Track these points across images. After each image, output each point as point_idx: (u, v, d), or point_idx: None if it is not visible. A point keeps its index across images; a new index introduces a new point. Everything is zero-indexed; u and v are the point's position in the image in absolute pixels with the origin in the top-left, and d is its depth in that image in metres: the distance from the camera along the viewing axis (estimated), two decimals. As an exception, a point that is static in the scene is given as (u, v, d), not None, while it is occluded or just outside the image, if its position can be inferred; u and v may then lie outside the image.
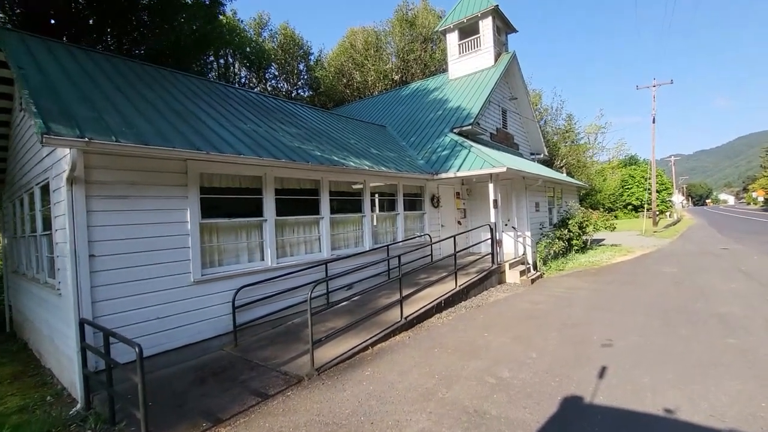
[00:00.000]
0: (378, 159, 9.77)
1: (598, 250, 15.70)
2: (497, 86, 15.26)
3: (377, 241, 9.49)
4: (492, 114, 15.08)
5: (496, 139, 15.26)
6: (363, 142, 10.94)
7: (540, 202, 13.10)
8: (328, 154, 8.20)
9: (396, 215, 10.02)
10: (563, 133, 37.52)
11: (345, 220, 8.64)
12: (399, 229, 10.04)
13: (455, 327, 6.60)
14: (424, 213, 11.00)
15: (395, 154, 11.24)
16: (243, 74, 24.46)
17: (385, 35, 26.62)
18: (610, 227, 17.49)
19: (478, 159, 10.18)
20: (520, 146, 17.86)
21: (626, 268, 11.91)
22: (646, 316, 6.80)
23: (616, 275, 10.67)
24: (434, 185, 11.41)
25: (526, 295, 8.80)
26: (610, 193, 50.69)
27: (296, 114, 10.79)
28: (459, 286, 8.22)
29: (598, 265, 12.40)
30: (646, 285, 9.28)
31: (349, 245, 8.73)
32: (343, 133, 11.02)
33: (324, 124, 11.12)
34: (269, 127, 8.36)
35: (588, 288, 9.19)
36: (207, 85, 9.34)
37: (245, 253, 6.66)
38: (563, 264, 12.42)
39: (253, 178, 6.78)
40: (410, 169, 10.20)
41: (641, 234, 24.58)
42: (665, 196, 58.41)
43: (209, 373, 5.16)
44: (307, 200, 7.82)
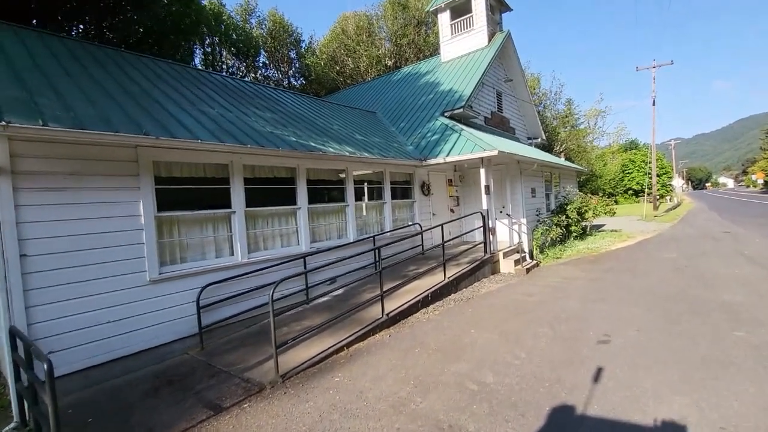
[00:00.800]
0: (362, 145, 9.16)
1: (598, 237, 15.13)
2: (491, 67, 14.52)
3: (363, 232, 8.94)
4: (486, 97, 14.38)
5: (491, 123, 14.58)
6: (348, 128, 10.31)
7: (536, 187, 12.49)
8: (305, 140, 7.59)
9: (383, 204, 9.44)
10: (563, 118, 36.69)
11: (326, 210, 8.07)
12: (386, 218, 9.47)
13: (441, 323, 6.08)
14: (413, 201, 10.43)
15: (382, 139, 10.61)
16: (232, 63, 23.67)
17: (378, 19, 25.68)
18: (610, 212, 16.86)
19: (468, 143, 9.57)
20: (517, 130, 17.17)
21: (626, 254, 11.35)
22: (646, 307, 6.26)
23: (615, 262, 10.11)
24: (424, 172, 10.81)
25: (519, 285, 8.27)
26: (610, 178, 49.95)
27: (277, 99, 10.14)
28: (448, 278, 7.69)
29: (597, 252, 11.85)
30: (647, 272, 8.73)
31: (332, 237, 8.18)
32: (327, 119, 10.38)
33: (307, 109, 10.48)
34: (241, 112, 7.74)
35: (585, 277, 8.65)
36: (177, 70, 8.70)
37: (212, 248, 6.11)
38: (561, 252, 11.87)
39: (219, 166, 6.19)
40: (397, 155, 9.59)
41: (642, 219, 23.98)
42: (665, 180, 57.56)
43: (165, 382, 4.66)
44: (282, 190, 7.25)
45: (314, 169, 7.73)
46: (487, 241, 9.20)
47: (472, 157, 9.09)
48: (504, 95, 15.95)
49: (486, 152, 8.82)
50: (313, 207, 7.70)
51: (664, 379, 3.90)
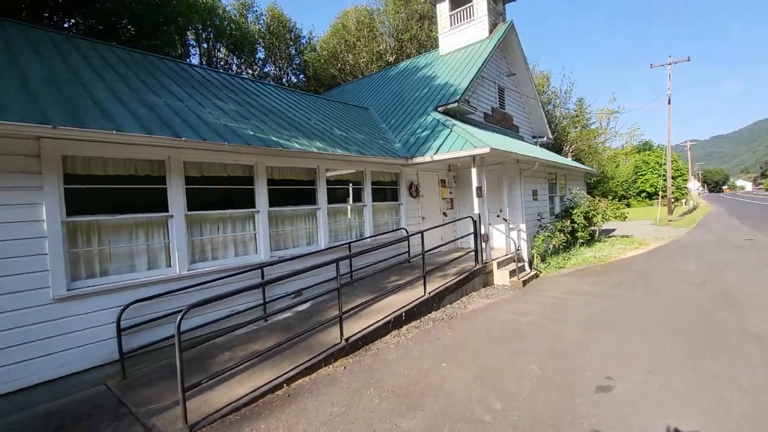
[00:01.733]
0: (339, 141, 8.18)
1: (607, 243, 13.91)
2: (492, 59, 13.43)
3: (338, 238, 7.96)
4: (486, 91, 13.29)
5: (491, 120, 13.49)
6: (327, 123, 9.34)
7: (538, 189, 11.38)
8: (266, 134, 6.64)
9: (362, 207, 8.45)
10: (572, 118, 35.24)
11: (293, 214, 7.12)
12: (366, 223, 8.48)
13: (410, 351, 5.07)
14: (399, 204, 9.41)
15: (366, 136, 9.62)
16: (231, 60, 22.94)
17: (379, 14, 24.70)
18: (621, 216, 15.62)
19: (459, 139, 8.52)
20: (521, 128, 16.02)
21: (637, 264, 10.16)
22: (660, 336, 5.16)
23: (625, 274, 8.95)
24: (412, 172, 9.79)
25: (512, 302, 7.20)
26: (622, 180, 48.13)
27: (249, 91, 9.22)
28: (428, 293, 6.67)
29: (605, 261, 10.67)
30: (661, 288, 7.57)
31: (299, 244, 7.23)
32: (305, 113, 9.43)
33: (283, 102, 9.54)
34: (196, 102, 6.84)
35: (589, 292, 7.53)
36: (136, 58, 7.84)
37: (143, 258, 5.20)
38: (565, 260, 10.73)
39: (153, 163, 5.28)
40: (379, 152, 8.59)
41: (655, 223, 22.54)
42: (681, 183, 55.40)
43: (54, 428, 3.75)
44: (237, 191, 6.32)
45: (278, 168, 6.78)
46: (479, 249, 8.14)
47: (463, 155, 8.05)
48: (507, 91, 14.82)
49: (477, 149, 7.77)
50: (276, 210, 6.75)
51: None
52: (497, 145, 8.30)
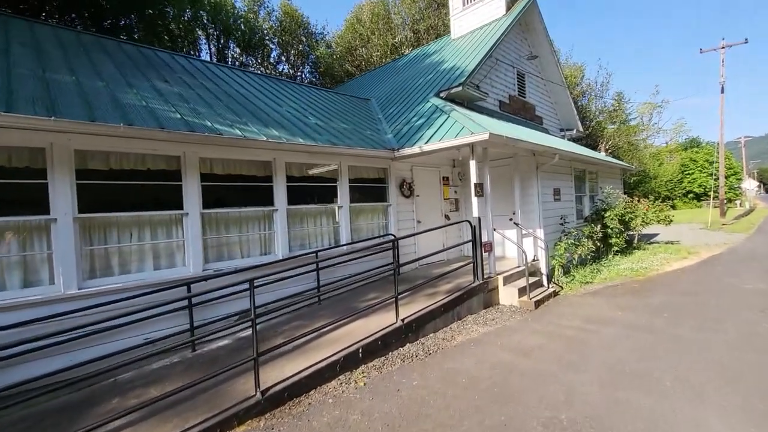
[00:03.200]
0: (309, 130, 6.79)
1: (648, 251, 11.72)
2: (508, 39, 11.65)
3: (305, 246, 6.57)
4: (502, 77, 11.52)
5: (508, 109, 11.69)
6: (304, 112, 7.98)
7: (561, 188, 9.50)
8: (203, 119, 5.34)
9: (337, 208, 7.01)
10: (610, 112, 32.25)
11: (241, 216, 5.78)
12: (342, 227, 7.03)
13: (349, 413, 3.56)
14: (388, 205, 7.90)
15: (351, 126, 8.18)
16: (248, 60, 22.21)
17: (395, 5, 23.23)
18: (665, 220, 13.30)
19: (456, 126, 6.92)
20: (546, 120, 14.05)
21: (686, 280, 8.09)
22: (727, 403, 3.37)
23: (670, 295, 6.98)
24: (405, 167, 8.26)
25: (516, 331, 5.52)
26: (667, 180, 44.07)
27: (216, 77, 8.01)
28: (402, 319, 5.12)
29: (644, 276, 8.65)
30: (722, 318, 5.62)
31: (250, 253, 5.88)
32: (278, 101, 8.11)
33: (254, 89, 8.24)
34: (126, 82, 5.67)
35: (620, 321, 5.71)
36: (81, 38, 6.83)
37: (14, 274, 4.01)
38: (593, 273, 8.81)
39: (32, 152, 4.09)
40: (360, 143, 7.13)
41: (706, 227, 19.66)
42: (734, 182, 50.13)
43: None
44: (158, 188, 5.05)
45: (218, 160, 5.47)
46: (478, 261, 6.49)
47: (458, 144, 6.43)
48: (528, 77, 12.94)
49: (474, 136, 6.14)
50: (215, 212, 5.44)
51: None
52: (500, 131, 6.62)
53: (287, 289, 6.01)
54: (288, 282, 6.00)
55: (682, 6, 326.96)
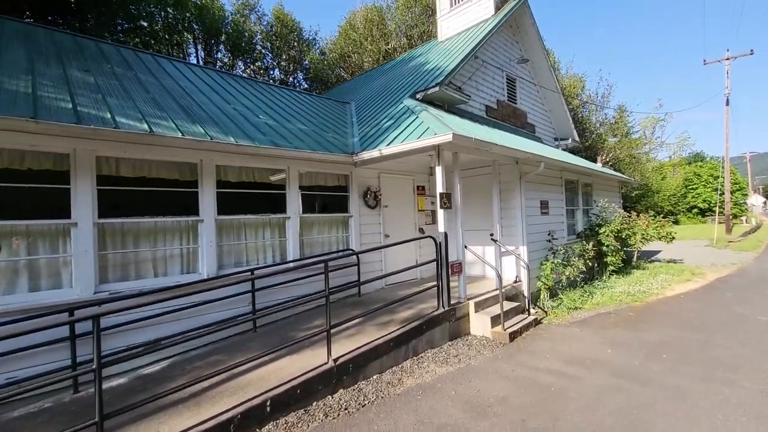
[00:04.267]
0: (252, 129, 5.87)
1: (648, 271, 10.64)
2: (496, 41, 10.80)
3: (241, 263, 5.59)
4: (489, 80, 10.63)
5: (496, 114, 10.77)
6: (257, 111, 7.08)
7: (550, 200, 8.50)
8: (104, 112, 4.43)
9: (284, 220, 6.04)
10: (611, 125, 31.34)
11: (153, 228, 4.83)
12: (290, 242, 6.05)
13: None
14: (348, 216, 6.93)
15: (311, 127, 7.27)
16: (234, 61, 21.52)
17: (390, 11, 22.59)
18: (667, 237, 12.22)
19: (421, 126, 5.98)
20: (539, 127, 13.12)
21: (690, 308, 7.02)
22: None
23: (670, 329, 5.91)
24: (371, 174, 7.31)
25: (479, 375, 4.47)
26: (670, 194, 42.87)
27: (161, 71, 7.16)
28: (335, 358, 4.11)
29: (642, 301, 7.58)
30: (733, 363, 4.56)
31: (167, 272, 4.91)
32: (227, 99, 7.22)
33: (203, 86, 7.36)
34: (28, 69, 4.79)
35: (609, 365, 4.65)
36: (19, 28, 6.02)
37: None
38: (584, 297, 7.75)
39: None
40: (314, 146, 6.21)
41: (711, 245, 18.50)
42: (739, 198, 48.74)
43: None
44: (40, 192, 4.12)
45: (125, 161, 4.55)
46: (443, 285, 5.47)
47: (419, 146, 5.48)
48: (519, 81, 12.04)
49: (436, 137, 5.19)
50: (117, 222, 4.49)
51: None
52: (472, 132, 5.67)
53: (214, 314, 5.03)
54: (215, 306, 5.03)
55: (688, 14, 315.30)
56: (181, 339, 3.67)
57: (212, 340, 4.92)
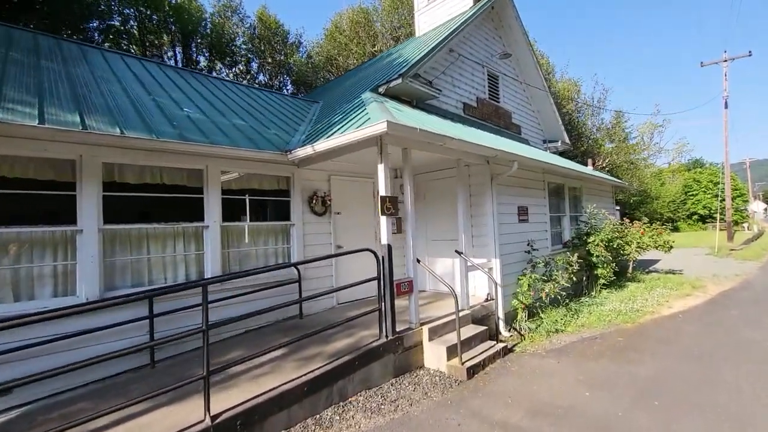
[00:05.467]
0: (161, 122, 4.91)
1: (643, 284, 9.57)
2: (475, 34, 9.92)
3: (143, 281, 4.59)
4: (468, 76, 9.70)
5: (475, 113, 9.82)
6: (188, 104, 6.14)
7: (531, 206, 7.49)
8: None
9: (201, 229, 5.04)
10: (608, 130, 30.45)
11: (13, 239, 3.84)
12: (209, 255, 5.04)
13: None
14: (290, 225, 5.93)
15: (249, 123, 6.31)
16: (214, 63, 20.68)
17: (376, 13, 21.81)
18: (664, 246, 11.15)
19: (363, 118, 5.00)
20: (525, 129, 12.16)
21: (688, 333, 5.95)
22: None
23: (665, 360, 4.85)
24: (319, 176, 6.32)
25: (423, 429, 3.44)
26: (669, 201, 41.80)
27: (91, 63, 6.25)
28: (215, 414, 3.07)
29: (633, 322, 6.52)
30: (744, 411, 3.50)
31: (36, 294, 3.90)
32: (161, 91, 6.28)
33: (133, 78, 6.45)
34: None
35: (585, 417, 3.60)
36: None
37: None
38: (568, 317, 6.71)
39: None
40: (241, 142, 5.23)
41: (713, 253, 17.39)
42: (740, 204, 47.53)
43: None
44: None
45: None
46: (385, 308, 4.45)
47: (349, 140, 4.51)
48: (503, 79, 11.11)
49: (368, 128, 4.22)
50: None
51: None
52: (420, 123, 4.68)
53: (97, 346, 4.02)
54: (101, 336, 4.03)
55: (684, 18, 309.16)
56: (49, 377, 2.69)
57: (96, 378, 3.93)
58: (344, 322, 4.56)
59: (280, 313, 5.50)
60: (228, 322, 3.79)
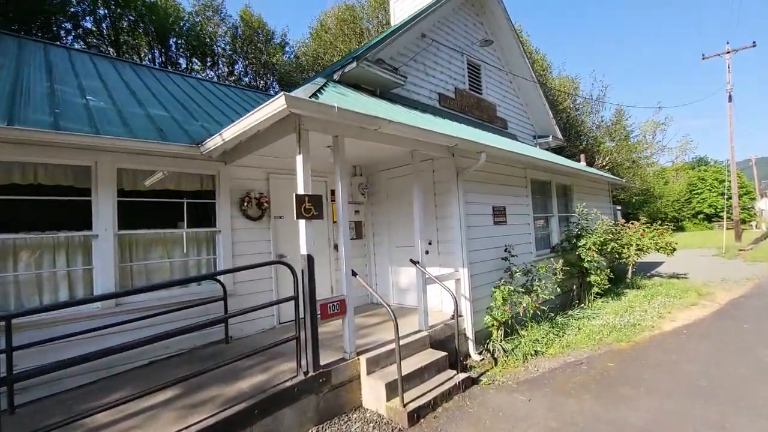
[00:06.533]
0: (39, 110, 4.01)
1: (644, 292, 8.51)
2: (452, 19, 9.01)
3: (5, 304, 3.66)
4: (444, 64, 8.75)
5: (453, 105, 8.86)
6: (99, 93, 5.25)
7: (509, 205, 6.51)
8: None
9: (90, 239, 4.11)
10: (607, 127, 29.40)
11: None
12: (99, 270, 4.09)
13: None
14: (215, 232, 4.99)
15: (171, 114, 5.40)
16: (199, 67, 19.95)
17: (363, 9, 21.00)
18: (667, 248, 10.07)
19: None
20: (512, 123, 11.16)
21: (695, 355, 4.91)
22: None
23: (665, 396, 3.83)
24: (254, 175, 5.38)
25: None
26: (674, 200, 40.48)
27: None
28: None
29: (629, 340, 5.48)
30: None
31: None
32: (71, 78, 5.41)
33: (66, 67, 5.59)
34: None
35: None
36: None
37: None
38: (552, 334, 5.69)
39: None
40: (145, 134, 4.32)
41: (720, 254, 16.22)
42: (747, 202, 45.99)
43: None
44: None
45: None
46: (306, 336, 3.49)
47: (253, 122, 3.57)
48: (485, 69, 10.14)
49: (266, 107, 3.29)
50: None
51: None
52: (347, 105, 3.73)
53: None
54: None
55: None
56: None
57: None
58: (266, 349, 3.60)
59: (200, 337, 4.56)
60: (103, 354, 2.83)
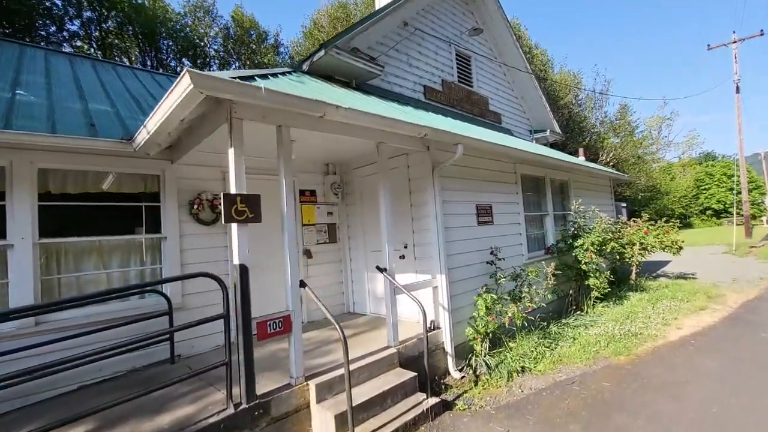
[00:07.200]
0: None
1: (648, 295, 7.85)
2: (438, 6, 8.40)
3: None
4: (430, 54, 8.17)
5: (440, 98, 8.28)
6: (33, 87, 4.76)
7: (496, 203, 5.91)
8: None
9: (4, 249, 3.60)
10: (612, 123, 28.62)
11: None
12: (15, 286, 3.56)
13: None
14: (160, 239, 4.45)
15: (114, 110, 4.89)
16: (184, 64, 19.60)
17: (356, 6, 20.50)
18: (672, 247, 9.36)
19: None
20: (506, 117, 10.53)
21: (704, 371, 4.28)
22: None
23: (677, 430, 3.22)
24: (211, 174, 4.84)
25: None
26: (681, 196, 39.35)
27: None
28: None
29: (628, 353, 4.85)
30: None
31: None
32: (25, 75, 4.93)
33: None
34: None
35: None
36: None
37: None
38: (542, 347, 5.07)
39: None
40: (65, 129, 3.80)
41: (730, 251, 15.41)
42: (757, 197, 44.72)
43: None
44: None
45: None
46: (239, 360, 2.95)
47: (167, 108, 3.02)
48: (476, 60, 9.54)
49: (176, 89, 2.73)
50: None
51: None
52: (299, 91, 3.19)
53: None
54: None
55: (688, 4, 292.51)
56: None
57: None
58: (195, 374, 3.05)
59: (142, 357, 4.03)
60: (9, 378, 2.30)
